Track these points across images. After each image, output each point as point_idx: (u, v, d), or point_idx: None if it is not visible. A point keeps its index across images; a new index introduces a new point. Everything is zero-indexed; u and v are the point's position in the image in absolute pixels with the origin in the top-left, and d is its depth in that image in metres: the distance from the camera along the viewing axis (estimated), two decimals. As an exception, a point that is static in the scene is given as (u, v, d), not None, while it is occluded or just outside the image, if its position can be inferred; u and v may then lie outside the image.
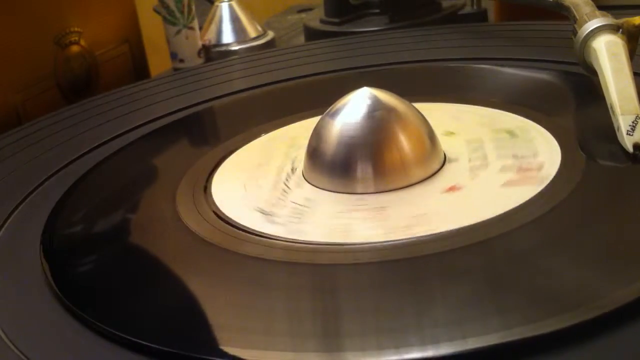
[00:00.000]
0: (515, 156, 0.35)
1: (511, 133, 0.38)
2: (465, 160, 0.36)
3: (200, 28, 0.66)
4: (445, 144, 0.37)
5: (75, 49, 0.60)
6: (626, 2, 0.58)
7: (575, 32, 0.40)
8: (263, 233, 0.32)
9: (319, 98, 0.42)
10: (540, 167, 0.34)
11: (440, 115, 0.40)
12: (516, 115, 0.39)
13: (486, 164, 0.35)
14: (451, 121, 0.40)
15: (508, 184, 0.33)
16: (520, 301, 0.25)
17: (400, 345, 0.24)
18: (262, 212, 0.34)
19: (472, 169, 0.35)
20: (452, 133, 0.38)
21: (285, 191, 0.36)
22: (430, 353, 0.23)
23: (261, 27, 0.68)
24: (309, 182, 0.36)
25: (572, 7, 0.42)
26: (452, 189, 0.33)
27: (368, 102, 0.35)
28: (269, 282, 0.29)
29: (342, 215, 0.33)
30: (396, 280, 0.28)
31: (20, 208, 0.38)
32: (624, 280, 0.25)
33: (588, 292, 0.25)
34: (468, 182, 0.34)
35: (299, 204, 0.34)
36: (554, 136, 0.36)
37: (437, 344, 0.24)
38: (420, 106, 0.37)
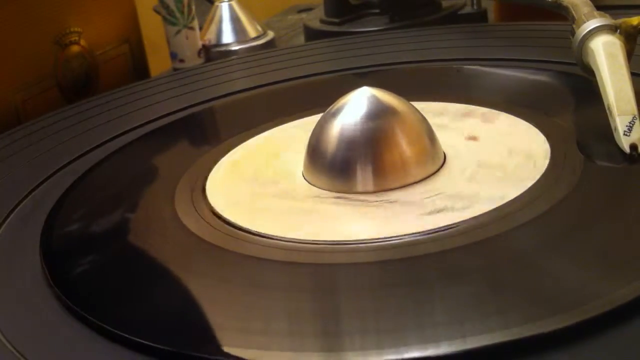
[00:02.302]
0: (514, 157, 0.35)
1: (510, 134, 0.38)
2: (465, 161, 0.36)
3: (200, 28, 0.66)
4: (445, 144, 0.37)
5: (75, 49, 0.60)
6: (625, 2, 0.58)
7: (573, 33, 0.40)
8: (262, 233, 0.32)
9: (319, 98, 0.42)
10: (538, 168, 0.34)
11: (440, 116, 0.40)
12: (515, 115, 0.39)
13: (485, 164, 0.35)
14: (451, 121, 0.40)
15: (507, 184, 0.33)
16: (520, 301, 0.25)
17: (400, 345, 0.24)
18: (261, 212, 0.34)
19: (471, 169, 0.35)
20: (452, 133, 0.38)
21: (284, 191, 0.36)
22: (430, 352, 0.23)
23: (261, 27, 0.68)
24: (308, 182, 0.36)
25: (570, 7, 0.42)
26: (451, 187, 0.33)
27: (368, 101, 0.35)
28: (268, 282, 0.29)
29: (341, 214, 0.33)
30: (396, 279, 0.28)
31: (20, 208, 0.38)
32: (623, 279, 0.25)
33: (587, 291, 0.25)
34: (467, 181, 0.34)
35: (298, 204, 0.34)
36: (553, 136, 0.36)
37: (437, 344, 0.24)
38: (420, 106, 0.37)
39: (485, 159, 0.36)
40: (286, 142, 0.41)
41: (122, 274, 0.31)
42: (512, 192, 0.32)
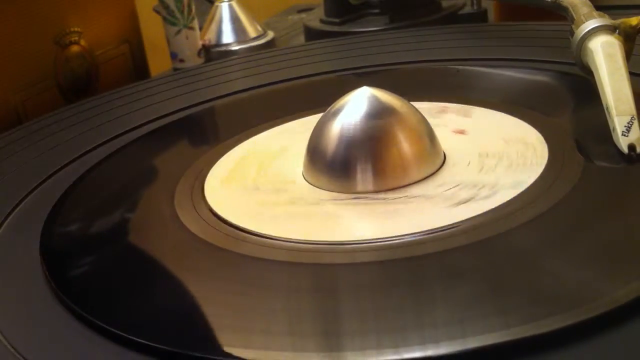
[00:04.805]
0: (513, 157, 0.35)
1: (510, 134, 0.38)
2: (465, 161, 0.36)
3: (200, 28, 0.66)
4: (445, 144, 0.37)
5: (75, 49, 0.60)
6: (624, 2, 0.58)
7: (572, 33, 0.40)
8: (261, 233, 0.32)
9: (319, 98, 0.42)
10: (537, 169, 0.34)
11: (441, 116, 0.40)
12: (514, 116, 0.39)
13: (485, 165, 0.35)
14: (451, 121, 0.40)
15: (507, 183, 0.33)
16: (520, 301, 0.25)
17: (400, 345, 0.24)
18: (261, 211, 0.34)
19: (471, 169, 0.35)
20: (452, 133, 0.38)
21: (284, 191, 0.36)
22: (430, 352, 0.23)
23: (261, 27, 0.68)
24: (308, 182, 0.36)
25: (570, 8, 0.42)
26: (451, 187, 0.33)
27: (368, 101, 0.35)
28: (268, 282, 0.29)
29: (341, 214, 0.33)
30: (396, 279, 0.28)
31: (19, 208, 0.38)
32: (623, 279, 0.25)
33: (588, 291, 0.25)
34: (467, 182, 0.34)
35: (297, 204, 0.34)
36: (552, 136, 0.36)
37: (437, 344, 0.24)
38: (420, 106, 0.37)
39: (484, 159, 0.36)
40: (286, 142, 0.41)
41: (122, 274, 0.31)
42: (512, 192, 0.32)
